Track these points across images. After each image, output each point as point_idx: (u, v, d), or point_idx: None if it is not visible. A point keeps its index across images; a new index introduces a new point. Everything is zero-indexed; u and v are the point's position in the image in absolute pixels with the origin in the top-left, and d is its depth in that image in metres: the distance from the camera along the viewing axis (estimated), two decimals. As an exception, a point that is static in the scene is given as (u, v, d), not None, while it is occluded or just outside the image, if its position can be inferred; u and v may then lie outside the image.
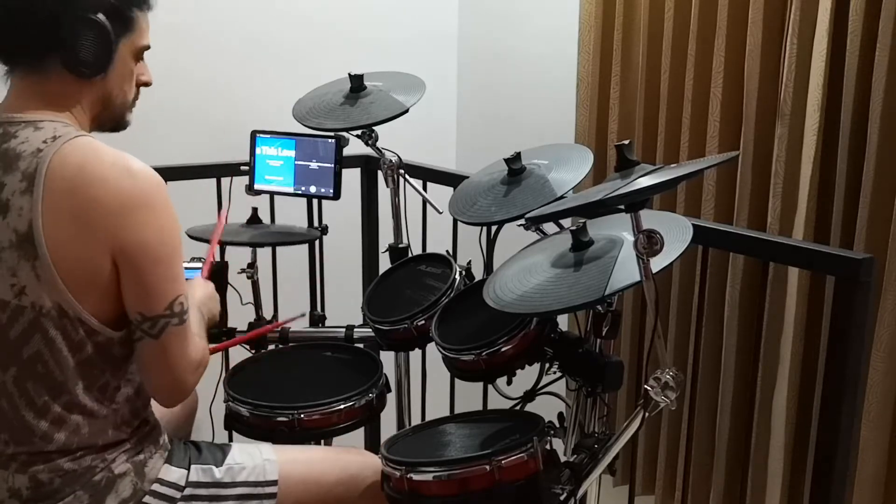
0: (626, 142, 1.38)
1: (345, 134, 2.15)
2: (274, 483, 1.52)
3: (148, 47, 1.46)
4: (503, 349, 1.49)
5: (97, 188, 1.29)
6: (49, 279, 1.29)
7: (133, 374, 1.43)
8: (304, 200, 2.49)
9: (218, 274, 2.07)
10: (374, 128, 2.07)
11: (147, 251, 1.31)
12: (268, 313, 2.30)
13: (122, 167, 1.31)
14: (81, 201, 1.28)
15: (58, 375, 1.34)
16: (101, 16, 1.34)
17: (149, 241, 1.31)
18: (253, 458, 1.53)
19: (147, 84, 1.50)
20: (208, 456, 1.51)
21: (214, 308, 1.68)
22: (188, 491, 1.45)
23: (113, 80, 1.41)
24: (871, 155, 1.95)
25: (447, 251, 2.02)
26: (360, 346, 2.07)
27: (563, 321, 1.72)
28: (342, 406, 1.76)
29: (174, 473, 1.46)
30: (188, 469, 1.47)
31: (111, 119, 1.46)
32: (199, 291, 1.63)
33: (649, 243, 1.22)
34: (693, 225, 1.40)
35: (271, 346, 2.10)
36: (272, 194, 2.42)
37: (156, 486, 1.43)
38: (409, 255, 2.19)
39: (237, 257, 2.23)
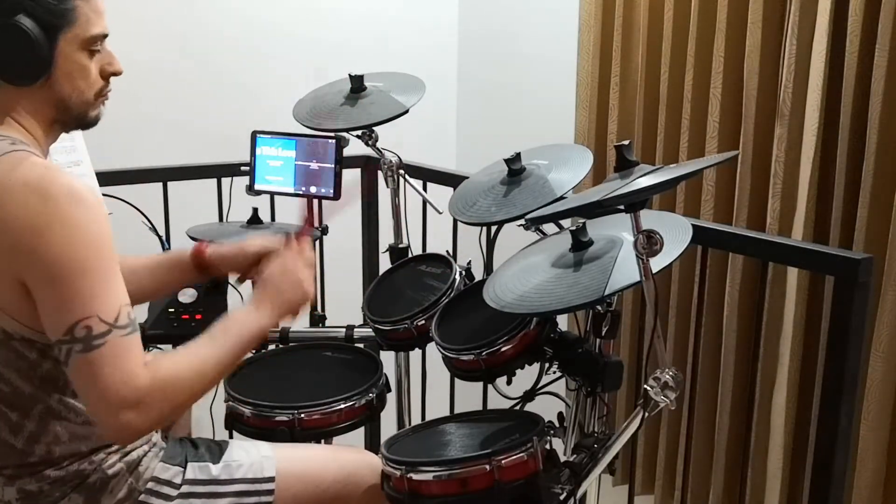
0: (626, 142, 1.38)
1: (345, 134, 2.15)
2: (271, 480, 1.51)
3: (102, 35, 1.33)
4: (503, 349, 1.49)
5: (5, 209, 1.21)
6: None
7: None
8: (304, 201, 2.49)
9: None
10: (374, 128, 2.07)
11: (47, 271, 1.20)
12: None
13: (35, 187, 1.21)
14: None
15: (25, 391, 1.31)
16: (21, 17, 1.24)
17: (50, 261, 1.19)
18: (250, 455, 1.53)
19: (116, 73, 1.38)
20: (205, 453, 1.50)
21: (288, 290, 1.51)
22: (185, 488, 1.44)
23: (61, 80, 1.31)
24: (871, 155, 1.95)
25: (447, 251, 2.03)
26: (360, 346, 2.07)
27: (562, 321, 1.73)
28: (342, 406, 1.76)
29: (170, 471, 1.44)
30: (184, 467, 1.46)
31: (74, 119, 1.36)
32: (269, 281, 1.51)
33: (649, 243, 1.22)
34: (692, 225, 1.40)
35: (271, 346, 2.10)
36: (272, 194, 2.42)
37: (151, 485, 1.42)
38: (409, 255, 2.19)
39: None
